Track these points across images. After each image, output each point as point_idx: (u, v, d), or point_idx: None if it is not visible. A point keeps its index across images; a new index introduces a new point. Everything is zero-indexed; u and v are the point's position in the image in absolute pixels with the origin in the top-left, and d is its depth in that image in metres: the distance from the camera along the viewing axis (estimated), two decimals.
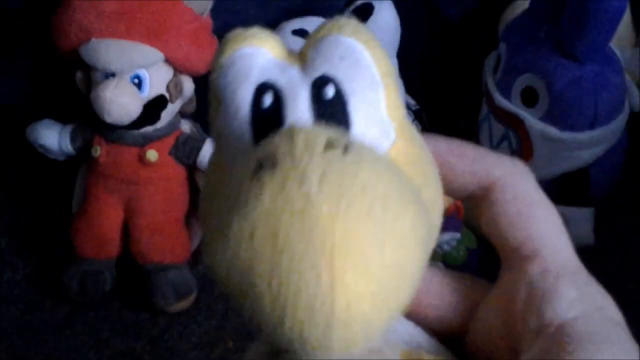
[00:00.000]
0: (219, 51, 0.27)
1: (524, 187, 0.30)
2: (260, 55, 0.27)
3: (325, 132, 0.24)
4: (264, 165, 0.23)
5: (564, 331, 0.27)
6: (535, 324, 0.27)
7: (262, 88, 0.26)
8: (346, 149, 0.23)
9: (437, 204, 0.28)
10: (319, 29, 0.27)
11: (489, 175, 0.30)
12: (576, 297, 0.27)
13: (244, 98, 0.26)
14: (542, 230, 0.29)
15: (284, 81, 0.26)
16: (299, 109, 0.26)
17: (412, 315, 0.31)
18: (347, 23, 0.27)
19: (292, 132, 0.24)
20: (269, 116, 0.26)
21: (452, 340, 0.31)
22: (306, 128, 0.24)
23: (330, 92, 0.26)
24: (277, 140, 0.24)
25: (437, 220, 0.28)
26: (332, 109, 0.26)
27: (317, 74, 0.26)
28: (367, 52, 0.27)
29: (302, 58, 0.27)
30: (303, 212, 0.22)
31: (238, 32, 0.28)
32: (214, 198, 0.27)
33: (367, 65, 0.26)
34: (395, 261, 0.23)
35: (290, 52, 0.28)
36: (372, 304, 0.23)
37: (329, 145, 0.23)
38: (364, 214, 0.23)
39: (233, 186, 0.24)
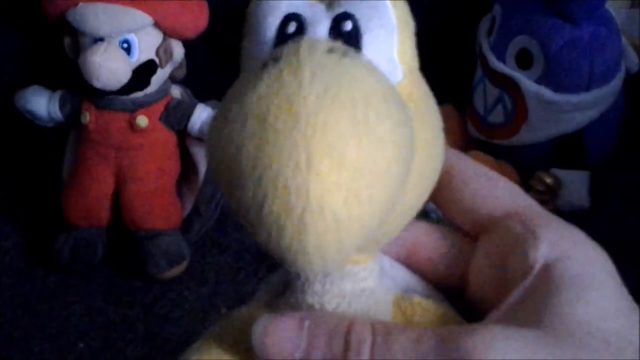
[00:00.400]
0: None
1: (478, 167, 0.32)
2: None
3: (330, 41, 0.27)
4: (269, 61, 0.26)
5: (547, 272, 0.28)
6: (520, 267, 0.28)
7: (289, 17, 0.29)
8: (345, 54, 0.26)
9: (433, 146, 0.29)
10: None
11: (445, 161, 0.31)
12: (557, 240, 0.29)
13: (272, 23, 0.29)
14: (507, 194, 0.31)
15: (309, 14, 0.29)
16: (317, 36, 0.28)
17: (410, 266, 0.32)
18: None
19: (300, 40, 0.27)
20: (290, 41, 0.28)
21: (449, 293, 0.32)
22: (313, 38, 0.28)
23: (348, 25, 0.28)
24: (287, 45, 0.26)
25: (434, 160, 0.30)
26: (347, 41, 0.28)
27: (339, 10, 0.29)
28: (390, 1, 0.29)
29: (329, 1, 0.30)
30: (292, 98, 0.24)
31: None
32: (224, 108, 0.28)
33: (386, 9, 0.29)
34: (370, 158, 0.25)
35: None
36: (345, 198, 0.24)
37: (330, 50, 0.26)
38: (347, 108, 0.24)
39: (241, 80, 0.27)
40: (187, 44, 0.96)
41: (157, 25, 0.91)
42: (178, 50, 0.94)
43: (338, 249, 0.25)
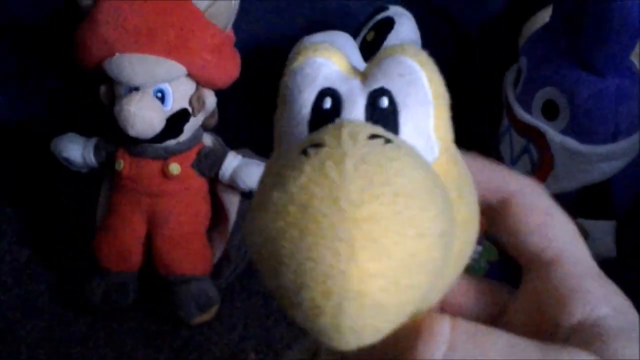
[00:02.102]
0: (292, 58, 0.30)
1: (540, 199, 0.32)
2: (327, 66, 0.30)
3: (371, 126, 0.27)
4: (311, 147, 0.26)
5: (600, 326, 0.28)
6: (567, 323, 0.29)
7: (325, 92, 0.29)
8: (387, 141, 0.26)
9: (470, 223, 0.30)
10: (384, 50, 0.30)
11: (505, 189, 0.32)
12: (603, 296, 0.29)
13: (307, 99, 0.29)
14: (561, 237, 0.31)
15: (345, 89, 0.29)
16: (354, 113, 0.29)
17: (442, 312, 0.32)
18: (410, 47, 0.30)
19: (341, 123, 0.27)
20: (326, 117, 0.28)
21: None
22: (355, 121, 0.28)
23: (384, 102, 0.29)
24: (328, 128, 0.27)
25: (472, 237, 0.30)
26: (384, 118, 0.28)
27: (376, 85, 0.29)
28: (424, 73, 0.29)
29: (364, 74, 0.30)
30: (335, 190, 0.24)
31: (311, 44, 0.31)
32: (262, 185, 0.29)
33: (422, 84, 0.29)
34: (411, 249, 0.25)
35: (354, 69, 0.31)
36: (384, 286, 0.25)
37: (373, 136, 0.26)
38: (389, 201, 0.24)
39: (279, 165, 0.27)
40: (219, 92, 0.97)
41: (190, 75, 0.93)
42: (210, 99, 0.96)
43: (375, 331, 0.26)
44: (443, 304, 0.32)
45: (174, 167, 0.94)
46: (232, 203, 0.98)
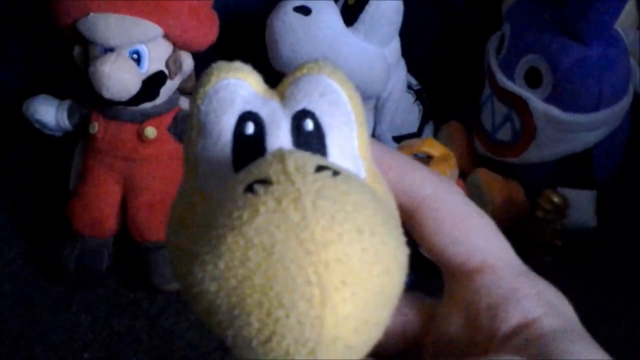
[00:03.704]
0: (204, 80, 0.28)
1: (454, 202, 0.30)
2: (243, 87, 0.28)
3: (314, 158, 0.25)
4: (256, 185, 0.24)
5: (536, 328, 0.27)
6: (504, 329, 0.28)
7: (245, 116, 0.27)
8: (335, 173, 0.25)
9: None
10: (298, 68, 0.29)
11: (417, 192, 0.30)
12: (534, 296, 0.28)
13: (227, 124, 0.27)
14: (481, 241, 0.30)
15: (265, 112, 0.28)
16: (280, 138, 0.27)
17: None
18: (325, 65, 0.29)
19: (282, 155, 0.25)
20: (250, 144, 0.27)
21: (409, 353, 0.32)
22: (294, 152, 0.26)
23: (310, 124, 0.27)
24: (269, 161, 0.25)
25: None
26: (310, 141, 0.27)
27: (298, 107, 0.28)
28: (344, 92, 0.28)
29: (281, 94, 0.29)
30: (298, 228, 0.23)
31: (222, 64, 0.29)
32: (185, 224, 0.27)
33: (344, 103, 0.28)
34: (380, 284, 0.24)
35: (269, 89, 0.29)
36: (357, 327, 0.24)
37: (319, 168, 0.25)
38: (354, 235, 0.23)
39: (221, 205, 0.25)
40: (196, 55, 0.96)
41: (167, 36, 0.91)
42: (188, 62, 0.94)
43: None
44: None
45: (150, 131, 0.92)
46: None
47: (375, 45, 0.97)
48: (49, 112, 0.97)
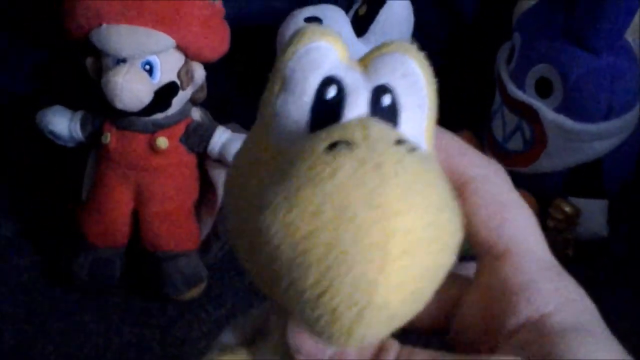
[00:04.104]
0: (295, 39, 0.29)
1: (497, 188, 0.31)
2: (329, 53, 0.29)
3: (394, 132, 0.27)
4: (339, 145, 0.25)
5: (543, 324, 0.28)
6: (513, 321, 0.28)
7: (329, 80, 0.28)
8: (412, 149, 0.26)
9: None
10: (385, 45, 0.30)
11: (463, 173, 0.31)
12: (550, 291, 0.29)
13: (311, 85, 0.28)
14: (513, 231, 0.30)
15: (349, 80, 0.29)
16: (358, 107, 0.28)
17: None
18: (412, 48, 0.30)
19: (366, 121, 0.27)
20: (329, 107, 0.28)
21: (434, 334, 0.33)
22: (377, 121, 0.27)
23: (387, 100, 0.29)
24: (353, 125, 0.26)
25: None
26: (385, 116, 0.29)
27: (379, 81, 0.29)
28: (424, 76, 0.30)
29: (364, 65, 0.30)
30: (375, 193, 0.24)
31: (315, 27, 0.29)
32: (253, 175, 0.28)
33: (421, 87, 0.30)
34: (435, 260, 0.26)
35: (353, 60, 0.30)
36: (405, 297, 0.25)
37: (399, 142, 0.26)
38: (423, 213, 0.25)
39: (300, 158, 0.26)
40: (208, 66, 0.96)
41: (179, 47, 0.92)
42: (199, 72, 0.94)
43: (380, 336, 0.27)
44: None
45: (162, 141, 0.93)
46: (221, 178, 0.97)
47: None
48: (62, 123, 0.98)
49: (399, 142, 0.26)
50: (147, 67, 0.90)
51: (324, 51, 0.29)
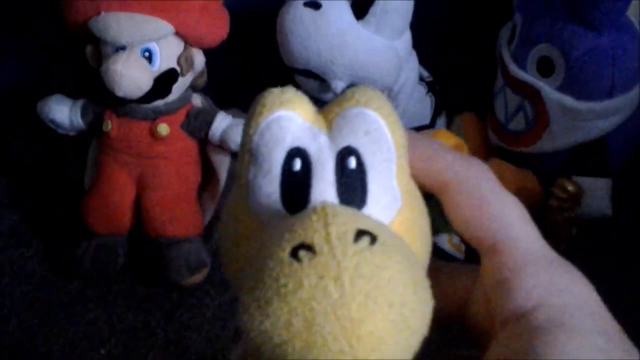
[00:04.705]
0: (256, 111, 0.30)
1: (479, 186, 0.31)
2: (293, 121, 0.30)
3: (354, 221, 0.27)
4: (301, 250, 0.27)
5: (526, 320, 0.27)
6: (501, 315, 0.29)
7: (294, 152, 0.30)
8: (373, 240, 0.27)
9: (426, 259, 0.32)
10: (347, 96, 0.31)
11: (443, 176, 0.32)
12: (533, 286, 0.28)
13: (276, 159, 0.30)
14: (497, 225, 0.31)
15: (313, 148, 0.30)
16: (325, 176, 0.29)
17: None
18: (373, 97, 0.31)
19: (326, 218, 0.27)
20: (297, 178, 0.29)
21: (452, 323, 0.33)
22: (337, 213, 0.28)
23: (352, 163, 0.30)
24: (314, 224, 0.27)
25: (427, 262, 0.32)
26: (352, 179, 0.29)
27: (343, 144, 0.30)
28: (388, 127, 0.30)
29: (329, 121, 0.31)
30: (337, 305, 0.26)
31: (274, 94, 0.31)
32: (238, 244, 0.30)
33: (386, 140, 0.30)
34: (405, 346, 0.27)
35: (318, 114, 0.31)
36: None
37: (359, 234, 0.27)
38: (386, 309, 0.26)
39: (267, 260, 0.27)
40: (207, 52, 0.96)
41: (178, 34, 0.92)
42: (199, 59, 0.94)
43: None
44: None
45: (163, 128, 0.93)
46: (222, 164, 0.97)
47: (386, 39, 0.97)
48: (63, 112, 0.98)
49: (360, 234, 0.27)
50: (147, 54, 0.90)
51: (285, 122, 0.30)
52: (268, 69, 1.00)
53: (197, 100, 0.98)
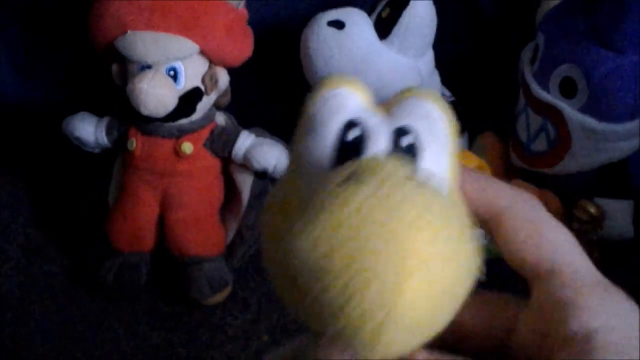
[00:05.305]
0: (321, 84, 0.31)
1: (531, 212, 0.32)
2: (352, 98, 0.31)
3: (407, 165, 0.28)
4: (352, 178, 0.27)
5: (589, 342, 0.27)
6: (562, 335, 0.28)
7: (350, 124, 0.30)
8: (423, 184, 0.28)
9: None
10: (405, 92, 0.32)
11: (496, 205, 0.32)
12: (598, 308, 0.28)
13: (333, 128, 0.30)
14: (554, 248, 0.31)
15: (370, 122, 0.30)
16: (379, 147, 0.30)
17: (455, 336, 0.32)
18: (430, 92, 0.32)
19: (379, 158, 0.28)
20: (350, 148, 0.29)
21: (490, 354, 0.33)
22: (390, 158, 0.29)
23: (408, 140, 0.30)
24: (366, 161, 0.28)
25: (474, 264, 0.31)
26: (406, 155, 0.30)
27: (400, 123, 0.30)
28: (444, 119, 0.31)
29: (386, 110, 0.31)
30: (387, 219, 0.26)
31: (339, 76, 0.32)
32: (284, 207, 0.30)
33: (442, 128, 0.31)
34: (451, 283, 0.27)
35: (376, 105, 0.32)
36: (424, 313, 0.26)
37: (409, 177, 0.27)
38: (438, 228, 0.26)
39: (319, 190, 0.27)
40: (232, 71, 0.97)
41: (203, 53, 0.92)
42: (223, 77, 0.95)
43: (402, 351, 0.28)
44: (455, 325, 0.32)
45: (187, 146, 0.93)
46: (245, 183, 0.97)
47: (409, 58, 0.97)
48: (88, 130, 0.98)
49: (409, 178, 0.27)
50: (172, 72, 0.91)
51: (346, 96, 0.31)
52: (292, 89, 1.01)
53: (220, 118, 0.99)
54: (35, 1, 1.07)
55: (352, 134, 0.30)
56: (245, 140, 0.95)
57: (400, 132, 0.30)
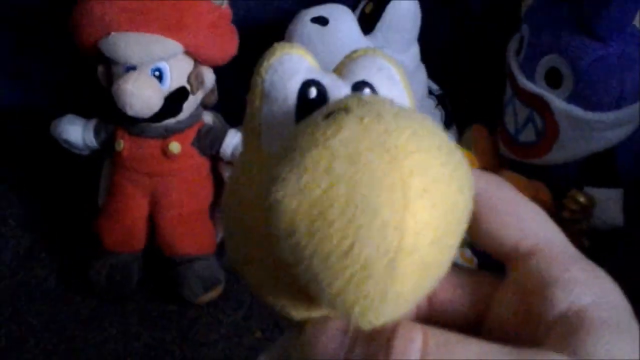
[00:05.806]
0: (267, 55, 0.31)
1: (505, 193, 0.31)
2: (303, 62, 0.31)
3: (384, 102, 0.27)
4: (336, 112, 0.25)
5: (581, 318, 0.27)
6: (551, 312, 0.28)
7: (308, 83, 0.30)
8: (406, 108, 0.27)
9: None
10: (351, 54, 0.32)
11: None
12: (586, 283, 0.28)
13: (292, 89, 0.30)
14: (533, 225, 0.30)
15: (327, 81, 0.30)
16: None
17: (430, 310, 0.32)
18: (375, 49, 0.32)
19: (357, 94, 0.28)
20: (313, 106, 0.29)
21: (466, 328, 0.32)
22: (370, 98, 0.27)
23: (368, 92, 0.30)
24: (345, 98, 0.27)
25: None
26: None
27: (357, 78, 0.31)
28: (397, 71, 0.32)
29: (338, 72, 0.32)
30: (383, 137, 0.24)
31: (283, 43, 0.32)
32: (247, 179, 0.30)
33: (398, 81, 0.31)
34: (455, 200, 0.25)
35: (326, 69, 0.32)
36: (433, 239, 0.24)
37: (392, 102, 0.27)
38: (435, 149, 0.25)
39: (299, 134, 0.26)
40: (217, 70, 0.97)
41: (188, 52, 0.92)
42: (209, 76, 0.95)
43: (414, 298, 0.26)
44: (431, 299, 0.32)
45: (174, 146, 0.94)
46: None
47: (394, 53, 0.97)
48: (76, 132, 0.99)
49: (392, 103, 0.27)
50: (157, 73, 0.91)
51: (297, 60, 0.31)
52: None
53: (208, 117, 0.99)
54: (21, 5, 1.07)
55: (312, 92, 0.30)
56: (233, 138, 0.96)
57: (359, 86, 0.30)
